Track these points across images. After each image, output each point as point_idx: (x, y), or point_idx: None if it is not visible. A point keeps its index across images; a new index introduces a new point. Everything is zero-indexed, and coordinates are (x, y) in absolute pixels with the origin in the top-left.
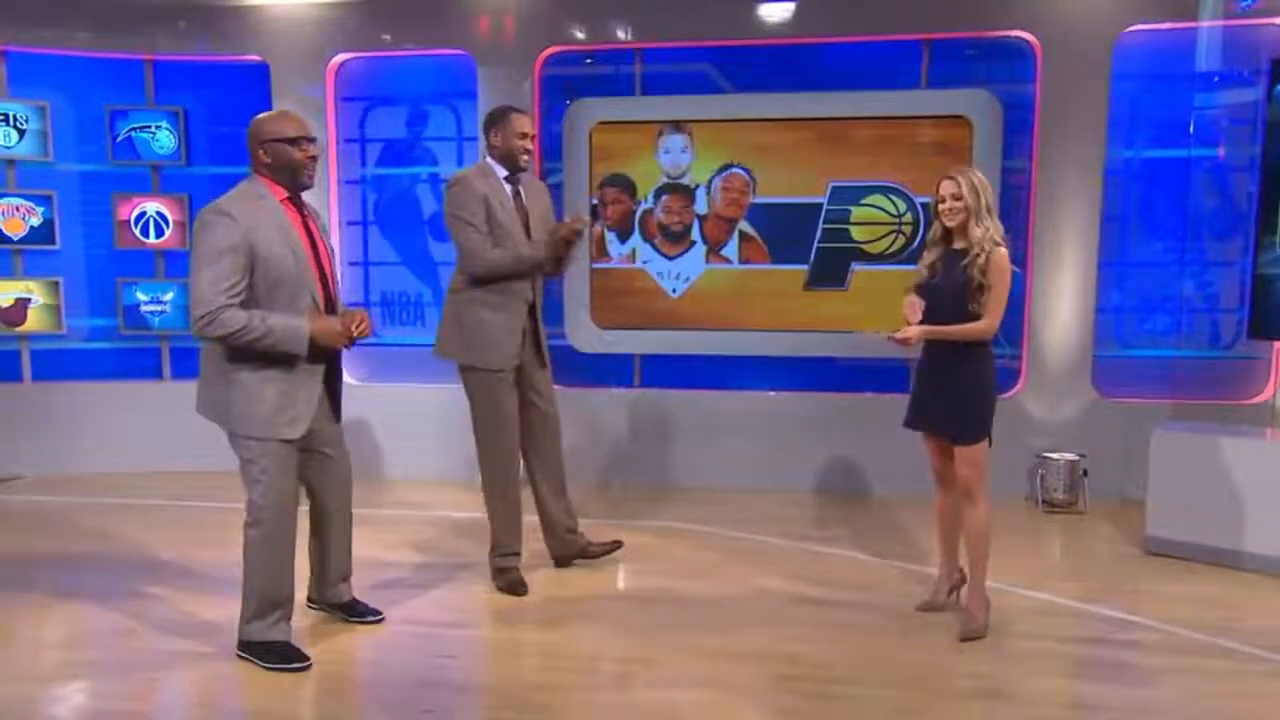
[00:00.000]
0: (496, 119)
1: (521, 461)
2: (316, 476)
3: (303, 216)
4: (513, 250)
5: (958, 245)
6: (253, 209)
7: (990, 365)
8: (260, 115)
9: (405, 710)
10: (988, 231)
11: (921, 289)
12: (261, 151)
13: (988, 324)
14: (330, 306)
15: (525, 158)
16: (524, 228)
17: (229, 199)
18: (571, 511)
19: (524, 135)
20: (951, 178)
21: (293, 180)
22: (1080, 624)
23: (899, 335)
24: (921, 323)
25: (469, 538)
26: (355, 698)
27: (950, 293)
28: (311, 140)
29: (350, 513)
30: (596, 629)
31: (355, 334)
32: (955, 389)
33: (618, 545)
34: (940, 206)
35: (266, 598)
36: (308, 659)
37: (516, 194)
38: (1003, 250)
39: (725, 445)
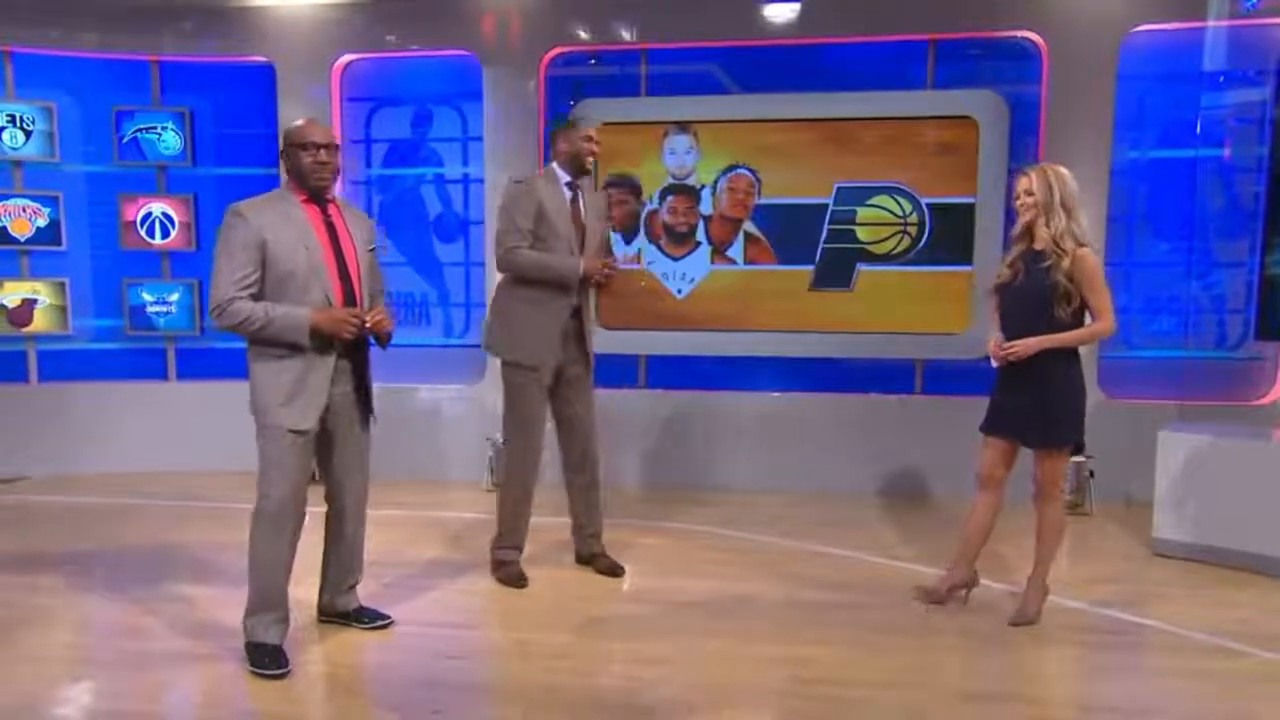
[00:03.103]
0: (564, 126)
1: (563, 458)
2: (335, 479)
3: (325, 216)
4: (545, 257)
5: (1037, 245)
6: (267, 208)
7: (1078, 371)
8: (293, 122)
9: (414, 711)
10: (1062, 230)
11: (1001, 290)
12: (284, 156)
13: (1105, 325)
14: (351, 304)
15: (591, 159)
16: (579, 237)
17: (246, 201)
18: (595, 516)
19: (589, 138)
20: (1025, 173)
21: (305, 183)
22: (1087, 625)
23: (1007, 349)
24: (1000, 329)
25: (478, 538)
26: (364, 698)
27: (1031, 296)
28: (323, 147)
29: (364, 518)
30: (604, 630)
31: (368, 323)
32: (1043, 394)
33: (619, 572)
34: (1016, 203)
35: (265, 593)
36: (287, 668)
37: (575, 201)
38: (1086, 249)
39: (731, 446)
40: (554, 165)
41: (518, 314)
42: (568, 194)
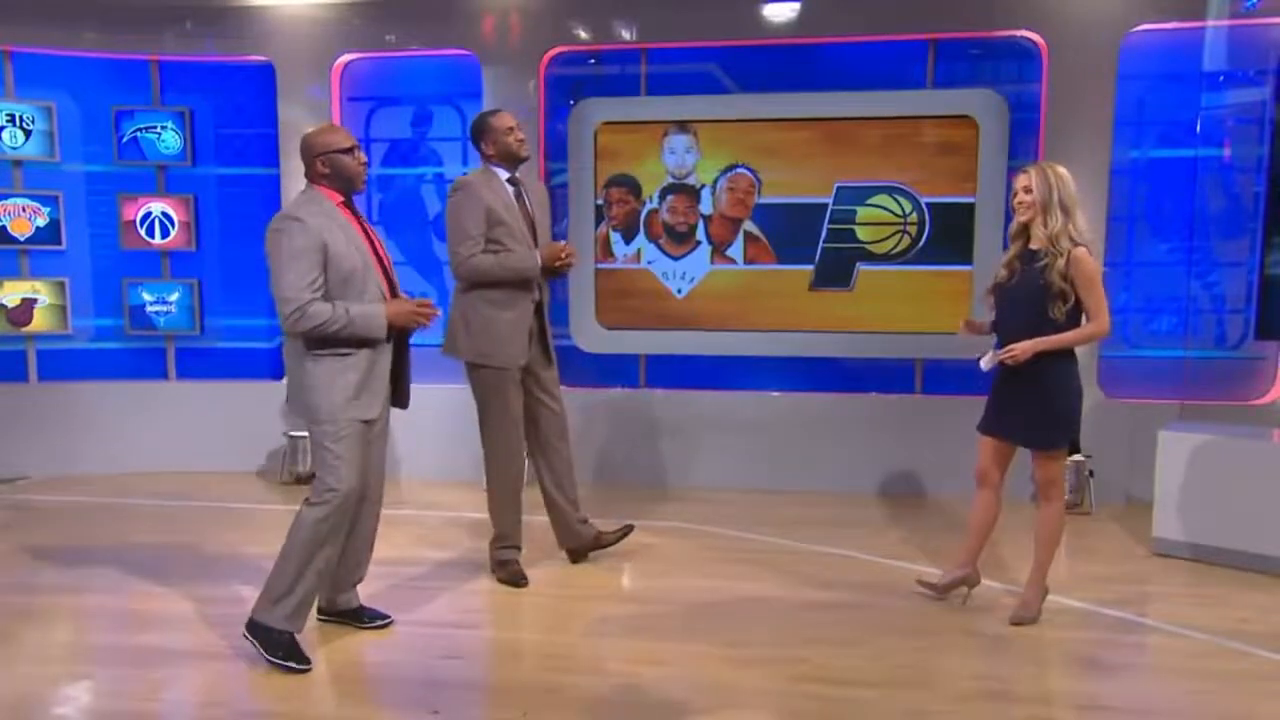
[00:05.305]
0: (481, 128)
1: (527, 459)
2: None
3: (358, 217)
4: (503, 258)
5: (1033, 245)
6: (317, 213)
7: (1074, 371)
8: (312, 130)
9: (414, 711)
10: (1059, 230)
11: (997, 290)
12: (319, 163)
13: (1097, 327)
14: (393, 296)
15: (522, 147)
16: (530, 231)
17: (295, 206)
18: (578, 504)
19: (510, 129)
20: (1025, 170)
21: (349, 186)
22: (1087, 625)
23: (1005, 354)
24: (994, 329)
25: (476, 538)
26: (363, 697)
27: (1026, 295)
28: (358, 147)
29: (380, 512)
30: (603, 630)
31: (428, 315)
32: (1037, 394)
33: (630, 530)
34: (1014, 201)
35: (302, 582)
36: (309, 664)
37: (520, 195)
38: (1083, 249)
39: (731, 446)
40: (488, 166)
41: (486, 317)
42: (511, 190)
